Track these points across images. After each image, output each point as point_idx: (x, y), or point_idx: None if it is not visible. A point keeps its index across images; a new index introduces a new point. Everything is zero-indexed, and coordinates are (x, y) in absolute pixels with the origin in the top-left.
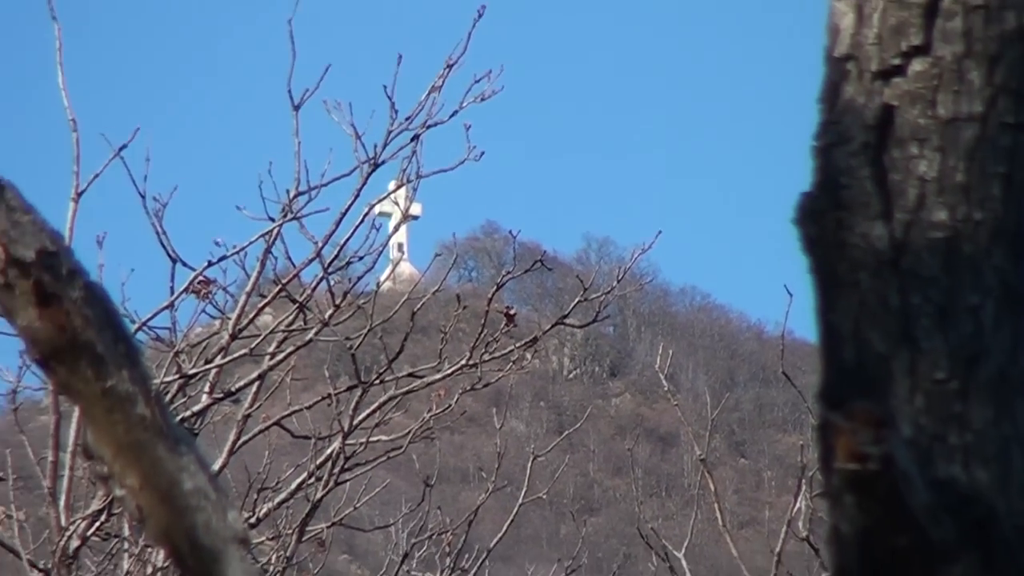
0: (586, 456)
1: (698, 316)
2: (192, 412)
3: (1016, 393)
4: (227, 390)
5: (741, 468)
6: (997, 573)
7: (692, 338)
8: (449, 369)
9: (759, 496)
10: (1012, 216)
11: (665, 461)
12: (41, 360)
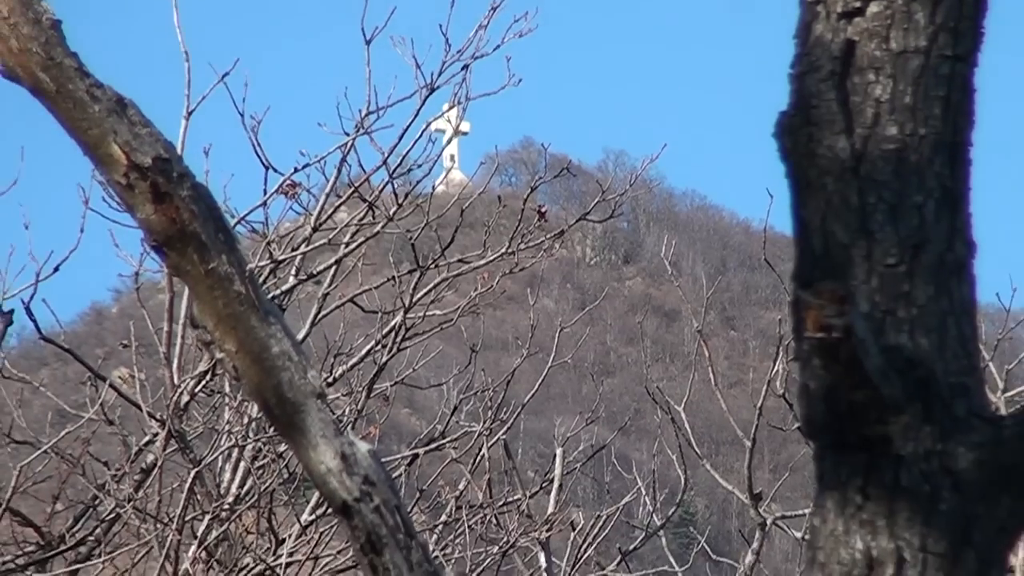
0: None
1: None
2: (281, 291)
3: (952, 275)
4: (309, 273)
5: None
6: (935, 421)
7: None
8: (492, 256)
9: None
10: (949, 131)
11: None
12: (156, 247)
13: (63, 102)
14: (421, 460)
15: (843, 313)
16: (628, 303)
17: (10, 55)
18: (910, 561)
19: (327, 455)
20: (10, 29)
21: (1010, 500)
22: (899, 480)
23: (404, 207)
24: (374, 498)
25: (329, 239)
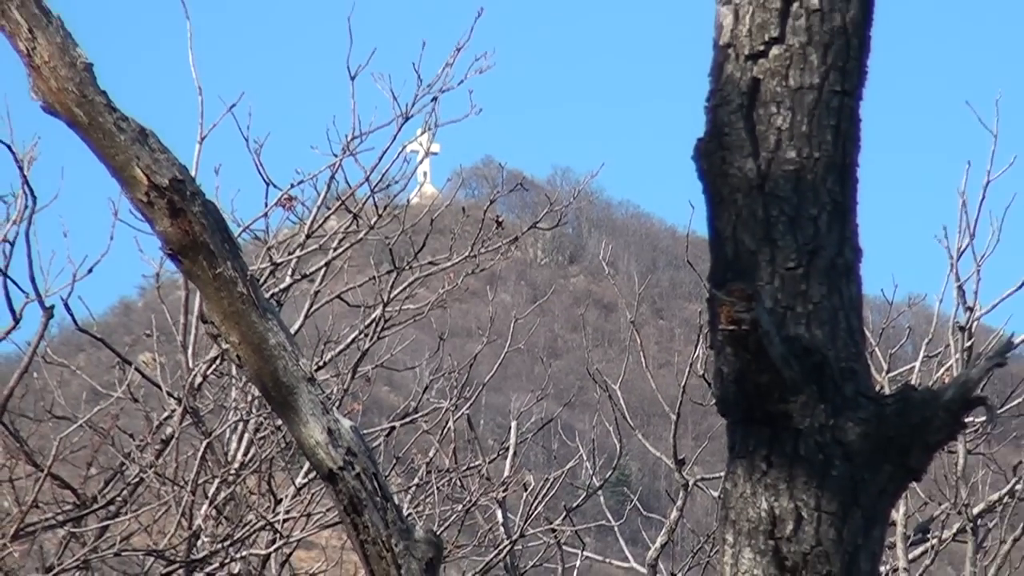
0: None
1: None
2: (279, 289)
3: (842, 276)
4: (303, 273)
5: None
6: (828, 400)
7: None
8: (457, 259)
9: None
10: (840, 154)
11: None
12: (172, 255)
13: (95, 133)
14: (397, 431)
15: (750, 309)
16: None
17: (50, 93)
18: (807, 519)
19: (316, 430)
20: (50, 71)
21: (891, 467)
22: (798, 450)
23: (383, 217)
24: (355, 467)
25: (320, 244)
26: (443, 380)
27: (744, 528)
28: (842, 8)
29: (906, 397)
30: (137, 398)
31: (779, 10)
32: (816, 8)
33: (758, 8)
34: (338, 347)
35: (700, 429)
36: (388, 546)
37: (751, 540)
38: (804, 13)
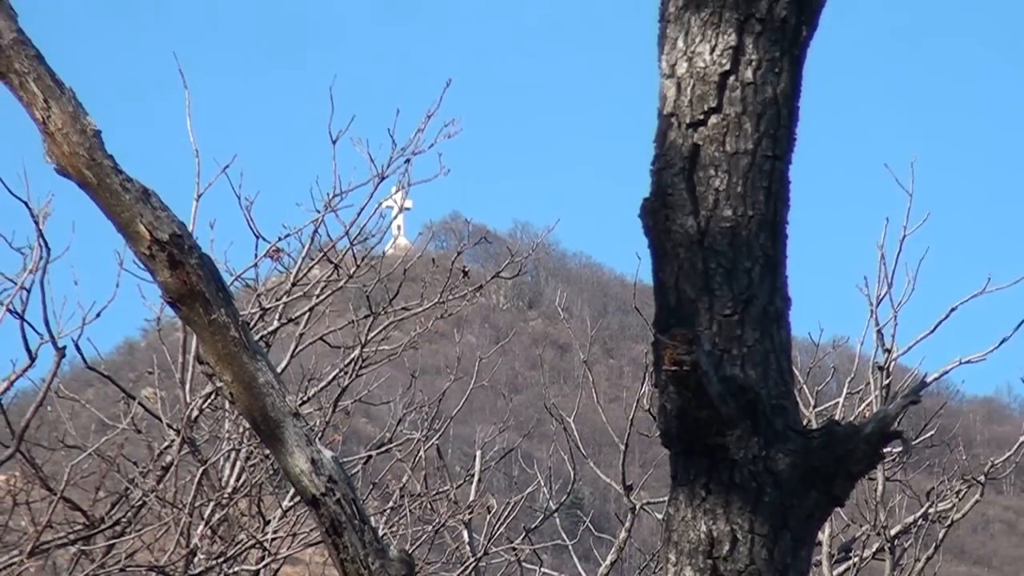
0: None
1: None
2: (267, 332)
3: (773, 322)
4: (289, 318)
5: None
6: (760, 434)
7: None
8: (427, 305)
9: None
10: (771, 213)
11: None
12: (172, 302)
13: (103, 192)
14: (374, 460)
15: (691, 352)
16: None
17: (63, 157)
18: (742, 540)
19: (300, 460)
20: (63, 138)
21: (817, 494)
22: (733, 479)
23: (361, 267)
24: (336, 493)
25: (304, 292)
26: (415, 413)
27: (685, 548)
28: (773, 82)
29: (830, 431)
30: (140, 429)
31: (717, 83)
32: (750, 82)
33: (698, 81)
34: (320, 384)
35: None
36: (366, 564)
37: (691, 559)
38: (739, 86)
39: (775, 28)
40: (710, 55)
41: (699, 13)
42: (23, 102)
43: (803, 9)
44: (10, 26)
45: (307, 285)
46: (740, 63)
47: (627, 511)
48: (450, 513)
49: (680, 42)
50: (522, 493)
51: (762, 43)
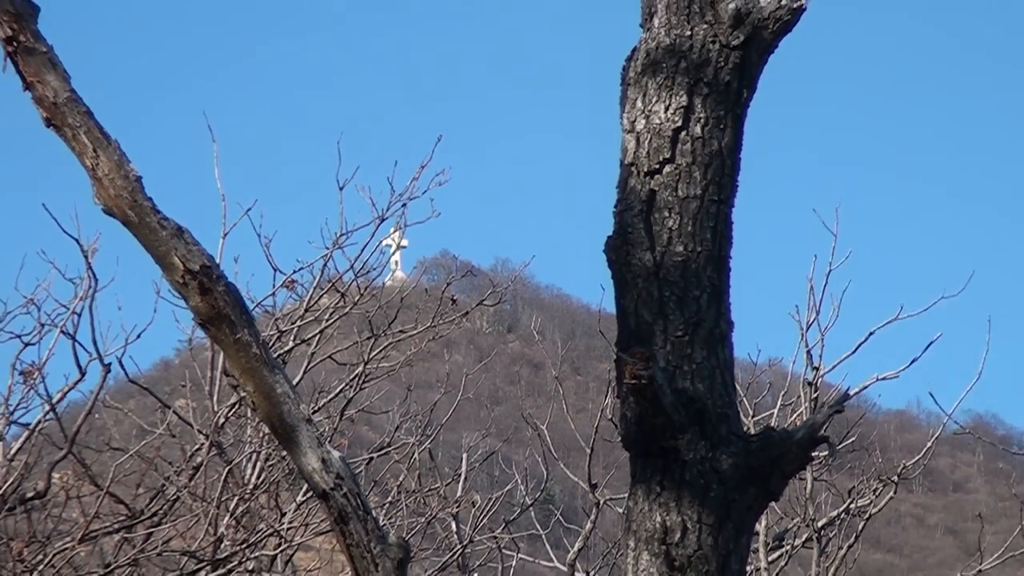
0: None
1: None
2: (283, 351)
3: (718, 343)
4: (302, 339)
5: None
6: (707, 438)
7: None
8: (421, 328)
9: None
10: (716, 249)
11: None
12: (202, 324)
13: (142, 229)
14: (375, 461)
15: (648, 368)
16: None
17: (109, 199)
18: (691, 529)
19: (312, 460)
20: (109, 182)
21: (755, 490)
22: (684, 476)
23: (364, 296)
24: (343, 488)
25: (315, 317)
26: (410, 422)
27: (643, 536)
28: (718, 136)
29: (767, 436)
30: (174, 434)
31: (670, 137)
32: (699, 136)
33: (654, 135)
34: (328, 396)
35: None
36: (368, 549)
37: (648, 546)
38: (690, 140)
39: (720, 91)
40: (664, 113)
41: (655, 77)
42: (75, 152)
43: (744, 75)
44: (64, 87)
45: (318, 311)
46: (690, 120)
47: (592, 506)
48: (440, 507)
49: (639, 102)
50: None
51: (709, 103)
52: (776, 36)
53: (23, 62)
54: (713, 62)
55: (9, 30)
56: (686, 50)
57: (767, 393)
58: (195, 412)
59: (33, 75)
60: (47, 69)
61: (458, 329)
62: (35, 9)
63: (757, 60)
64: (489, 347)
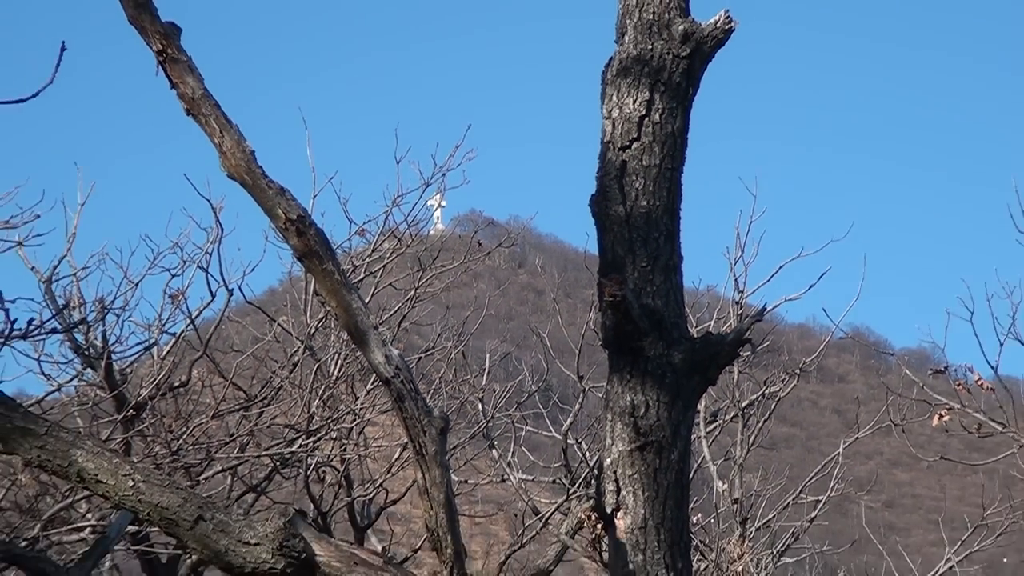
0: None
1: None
2: (357, 280)
3: (672, 272)
4: (370, 272)
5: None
6: (664, 340)
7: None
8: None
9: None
10: (670, 203)
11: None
12: (299, 258)
13: (255, 190)
14: (422, 360)
15: (621, 289)
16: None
17: (231, 167)
18: (652, 405)
19: (379, 356)
20: (231, 155)
21: (698, 377)
22: (647, 368)
23: (414, 241)
24: (400, 376)
25: (379, 256)
26: (447, 332)
27: (617, 411)
28: (672, 122)
29: (707, 339)
30: (279, 340)
31: (637, 123)
32: (657, 122)
33: (625, 121)
34: (388, 313)
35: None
36: (419, 421)
37: (621, 418)
38: (651, 124)
39: (673, 89)
40: (632, 105)
41: (626, 79)
42: (207, 133)
43: (690, 77)
44: (199, 86)
45: (381, 252)
46: (651, 110)
47: (580, 391)
48: (469, 393)
49: (614, 97)
50: (514, 381)
51: (665, 98)
52: (713, 49)
53: (170, 68)
54: (668, 68)
55: (160, 45)
56: (648, 59)
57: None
58: (293, 324)
59: (177, 78)
60: (187, 73)
61: (482, 265)
62: (178, 30)
63: (699, 66)
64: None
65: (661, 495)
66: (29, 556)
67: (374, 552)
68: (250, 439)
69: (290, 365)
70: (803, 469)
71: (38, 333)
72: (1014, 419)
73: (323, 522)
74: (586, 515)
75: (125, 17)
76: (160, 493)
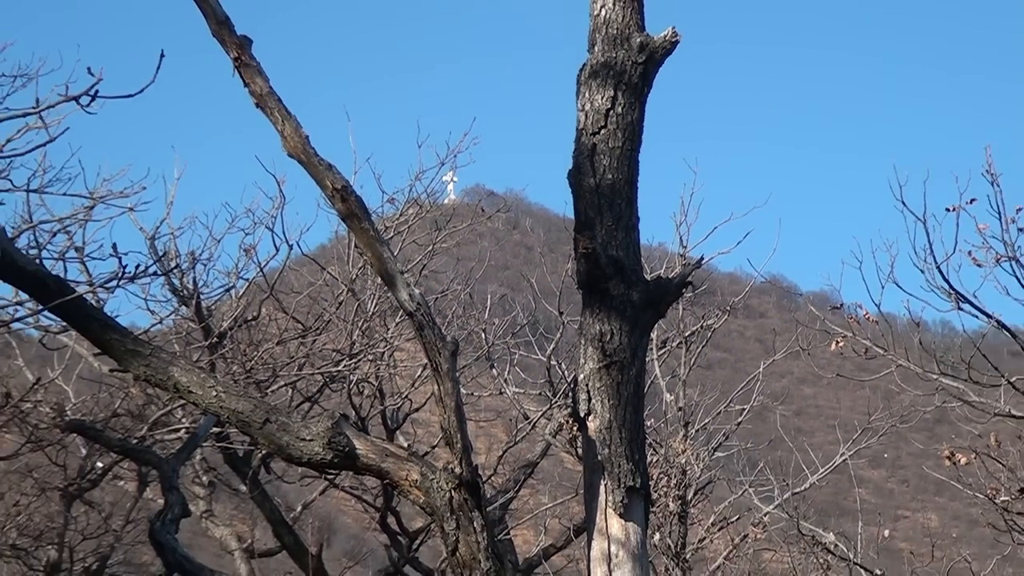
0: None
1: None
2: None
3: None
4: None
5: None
6: (625, 282)
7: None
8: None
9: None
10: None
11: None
12: (343, 219)
13: (309, 166)
14: (438, 299)
15: (592, 243)
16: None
17: (291, 148)
18: (616, 332)
19: (404, 294)
20: (291, 138)
21: (652, 311)
22: (612, 304)
23: (432, 208)
24: (421, 310)
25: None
26: (458, 278)
27: (589, 337)
28: (631, 113)
29: (658, 281)
30: (327, 284)
31: (604, 114)
32: (620, 113)
33: (595, 113)
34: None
35: (570, 299)
36: (435, 345)
37: (592, 343)
38: (615, 115)
39: (632, 88)
40: (600, 100)
41: (596, 80)
42: (272, 122)
43: (645, 79)
44: (266, 85)
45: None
46: (615, 104)
47: (560, 324)
48: (475, 325)
49: (587, 94)
50: (509, 315)
51: (626, 95)
52: (663, 56)
53: (244, 71)
54: (628, 71)
55: (236, 53)
56: (613, 65)
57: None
58: (339, 272)
59: (249, 79)
60: (256, 75)
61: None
62: (249, 41)
63: (653, 70)
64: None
65: (622, 403)
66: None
67: (401, 447)
68: (306, 361)
69: (336, 303)
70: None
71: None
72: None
73: (361, 425)
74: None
75: (209, 31)
76: (237, 401)
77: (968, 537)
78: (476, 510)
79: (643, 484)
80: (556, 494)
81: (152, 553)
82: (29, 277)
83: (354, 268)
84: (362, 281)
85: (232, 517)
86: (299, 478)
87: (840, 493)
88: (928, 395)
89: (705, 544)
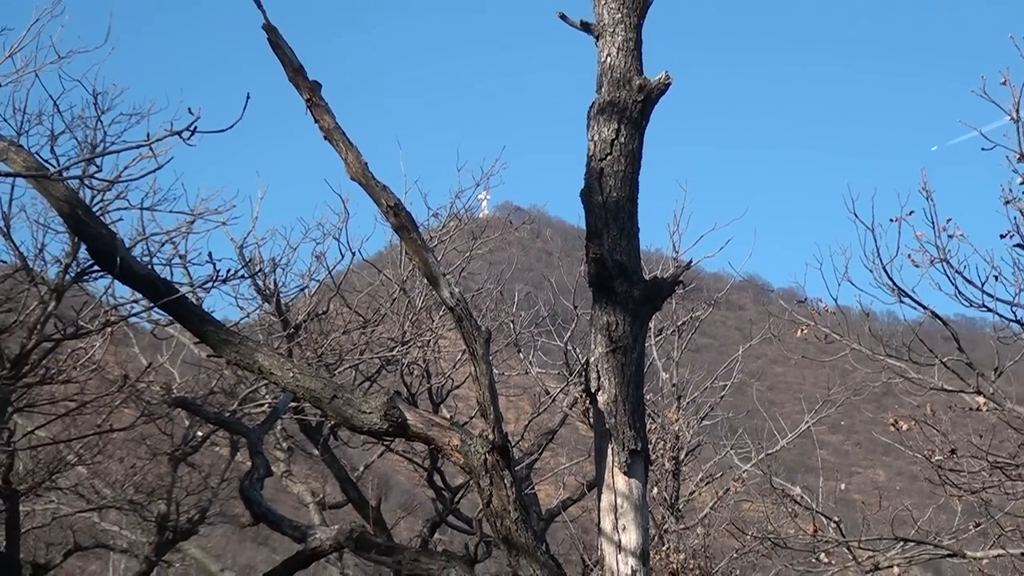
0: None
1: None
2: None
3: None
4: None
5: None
6: (628, 282)
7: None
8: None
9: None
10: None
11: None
12: (395, 229)
13: (369, 188)
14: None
15: (600, 249)
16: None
17: (353, 173)
18: (620, 323)
19: (446, 292)
20: (352, 164)
21: (650, 305)
22: (617, 299)
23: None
24: (461, 305)
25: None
26: (491, 279)
27: (599, 327)
28: (632, 143)
29: (655, 280)
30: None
31: (610, 143)
32: (623, 143)
33: (602, 142)
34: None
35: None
36: (472, 334)
37: (601, 332)
38: (619, 144)
39: (633, 122)
40: (607, 132)
41: (603, 115)
42: (338, 151)
43: (644, 114)
44: (333, 121)
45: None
46: (619, 135)
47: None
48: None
49: (595, 126)
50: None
51: (628, 128)
52: (659, 95)
53: (314, 110)
54: (629, 108)
55: (308, 95)
56: (617, 103)
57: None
58: (393, 274)
59: (319, 116)
60: (325, 113)
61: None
62: (319, 85)
63: (650, 106)
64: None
65: (626, 381)
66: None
67: (444, 418)
68: (366, 347)
69: (391, 300)
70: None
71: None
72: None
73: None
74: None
75: (286, 76)
76: (310, 380)
77: (909, 490)
78: (506, 470)
79: (643, 447)
80: (572, 456)
81: (243, 506)
82: (143, 280)
83: (405, 271)
84: (412, 282)
85: (307, 476)
86: (361, 444)
87: (805, 454)
88: (876, 373)
89: (694, 496)
